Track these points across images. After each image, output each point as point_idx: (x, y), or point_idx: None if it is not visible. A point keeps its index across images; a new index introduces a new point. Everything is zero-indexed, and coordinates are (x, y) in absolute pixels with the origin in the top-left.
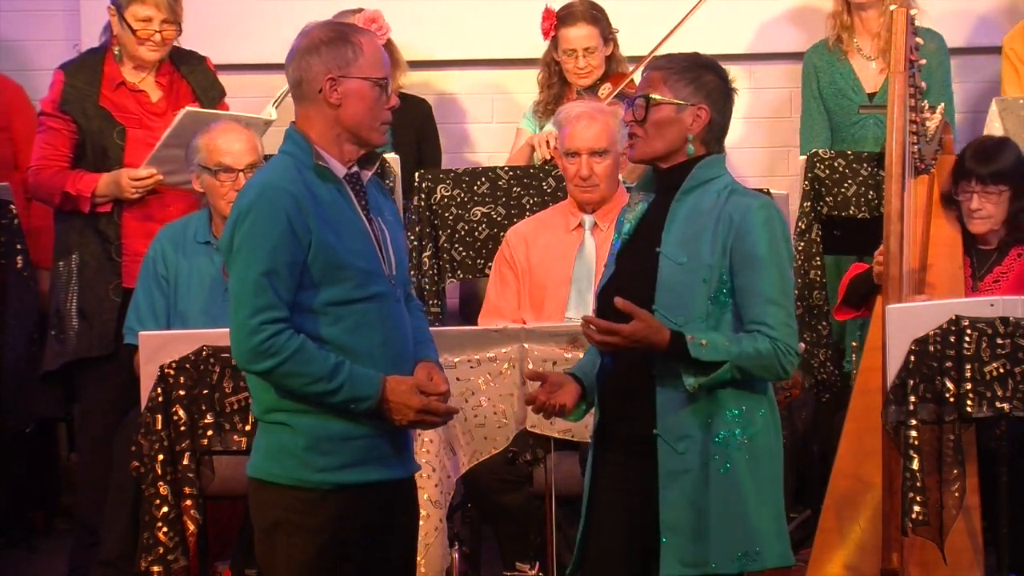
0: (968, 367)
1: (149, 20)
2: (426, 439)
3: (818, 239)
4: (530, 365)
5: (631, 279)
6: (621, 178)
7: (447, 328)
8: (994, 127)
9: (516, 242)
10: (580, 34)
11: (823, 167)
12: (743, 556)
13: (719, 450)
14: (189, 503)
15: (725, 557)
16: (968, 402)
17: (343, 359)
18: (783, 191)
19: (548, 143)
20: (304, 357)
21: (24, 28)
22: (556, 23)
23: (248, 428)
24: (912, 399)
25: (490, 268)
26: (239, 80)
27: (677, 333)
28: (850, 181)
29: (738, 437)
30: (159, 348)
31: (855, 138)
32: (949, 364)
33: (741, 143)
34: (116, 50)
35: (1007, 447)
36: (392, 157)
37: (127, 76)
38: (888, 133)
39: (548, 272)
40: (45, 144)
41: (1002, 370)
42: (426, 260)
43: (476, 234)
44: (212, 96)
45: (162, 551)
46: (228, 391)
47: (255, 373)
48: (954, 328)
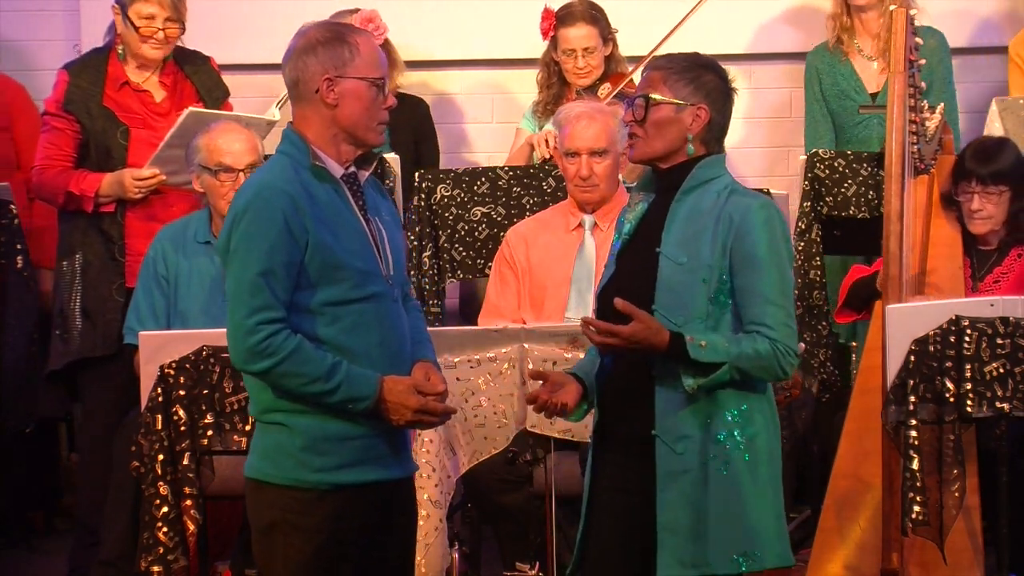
0: (968, 367)
1: (152, 18)
2: (426, 439)
3: (818, 239)
4: (530, 365)
5: (631, 279)
6: (621, 178)
7: (447, 328)
8: (994, 127)
9: (516, 242)
10: (579, 34)
11: (823, 167)
12: (742, 557)
13: (718, 450)
14: (189, 503)
15: (724, 558)
16: (968, 402)
17: (340, 359)
18: (783, 191)
19: (547, 142)
20: (301, 357)
21: (24, 28)
22: (555, 23)
23: (248, 428)
24: (912, 399)
25: (490, 268)
26: (241, 80)
27: (676, 334)
28: (850, 181)
29: (737, 437)
30: (159, 348)
31: (860, 139)
32: (949, 364)
33: (741, 143)
34: (120, 49)
35: (1007, 447)
36: (392, 157)
37: (131, 76)
38: (888, 133)
39: (548, 272)
40: (49, 144)
41: (1002, 370)
42: (426, 260)
43: (476, 234)
44: (216, 96)
45: (162, 551)
46: (228, 391)
47: (252, 373)
48: (954, 328)
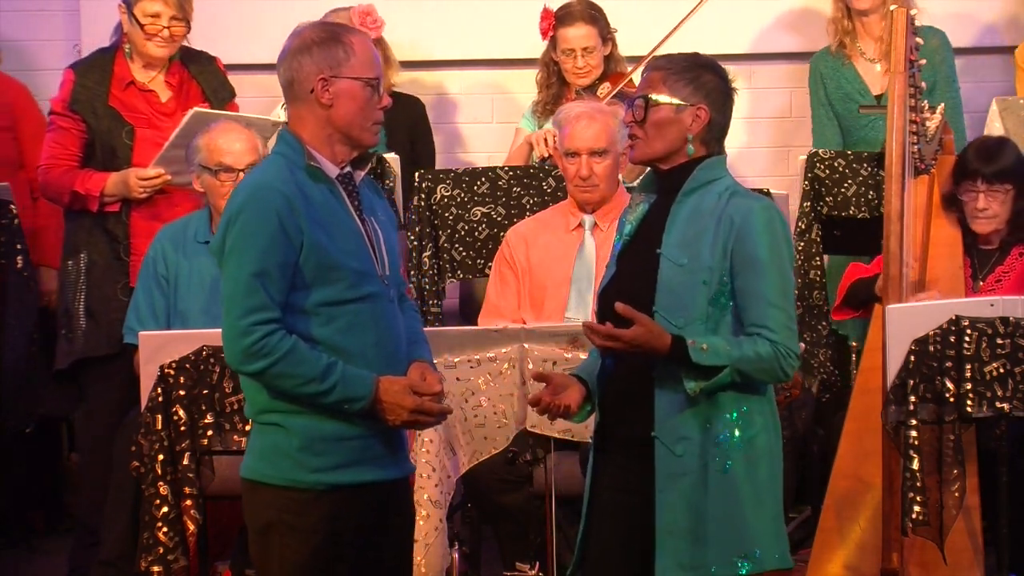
0: (968, 367)
1: (158, 16)
2: (426, 439)
3: (818, 239)
4: (530, 365)
5: (631, 280)
6: (621, 178)
7: (447, 328)
8: (994, 127)
9: (516, 242)
10: (578, 34)
11: (823, 167)
12: (741, 559)
13: (718, 452)
14: (189, 503)
15: (723, 559)
16: (968, 402)
17: (336, 360)
18: (783, 191)
19: (547, 140)
20: (296, 358)
21: (24, 28)
22: (554, 23)
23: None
24: (912, 399)
25: (490, 268)
26: (244, 80)
27: (678, 338)
28: (850, 181)
29: (737, 439)
30: (159, 348)
31: (866, 140)
32: (949, 364)
33: (741, 143)
34: (127, 48)
35: (1007, 447)
36: (392, 157)
37: (137, 75)
38: (888, 133)
39: (548, 272)
40: (55, 143)
41: (1002, 370)
42: (426, 260)
43: (476, 234)
44: (222, 97)
45: (162, 551)
46: (228, 391)
47: (247, 374)
48: (954, 328)
